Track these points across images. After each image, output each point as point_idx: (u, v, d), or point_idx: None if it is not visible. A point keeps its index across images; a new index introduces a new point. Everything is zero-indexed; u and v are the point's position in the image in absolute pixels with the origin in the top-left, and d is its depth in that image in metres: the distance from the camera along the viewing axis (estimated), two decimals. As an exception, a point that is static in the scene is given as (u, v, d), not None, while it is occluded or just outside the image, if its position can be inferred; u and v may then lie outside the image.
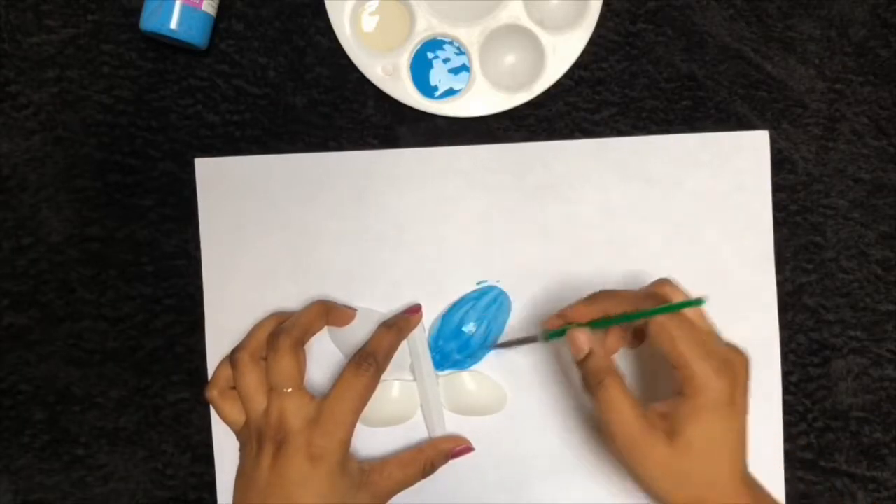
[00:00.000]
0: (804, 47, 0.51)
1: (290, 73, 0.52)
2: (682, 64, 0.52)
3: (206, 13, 0.50)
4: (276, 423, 0.45)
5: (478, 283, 0.51)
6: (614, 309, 0.44)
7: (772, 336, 0.51)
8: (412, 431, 0.51)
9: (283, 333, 0.46)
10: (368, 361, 0.46)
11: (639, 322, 0.43)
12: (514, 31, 0.50)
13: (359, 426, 0.45)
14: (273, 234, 0.51)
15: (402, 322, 0.49)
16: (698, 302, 0.42)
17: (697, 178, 0.51)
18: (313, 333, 0.49)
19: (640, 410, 0.42)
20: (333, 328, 0.51)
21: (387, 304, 0.51)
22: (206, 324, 0.51)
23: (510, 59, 0.52)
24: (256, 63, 0.52)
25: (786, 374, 0.51)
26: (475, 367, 0.51)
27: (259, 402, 0.46)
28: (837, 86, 0.51)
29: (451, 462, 0.50)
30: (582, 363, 0.44)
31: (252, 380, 0.46)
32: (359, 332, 0.50)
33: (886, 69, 0.51)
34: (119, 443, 0.52)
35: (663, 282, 0.45)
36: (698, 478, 0.41)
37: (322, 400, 0.45)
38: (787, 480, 0.50)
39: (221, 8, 0.51)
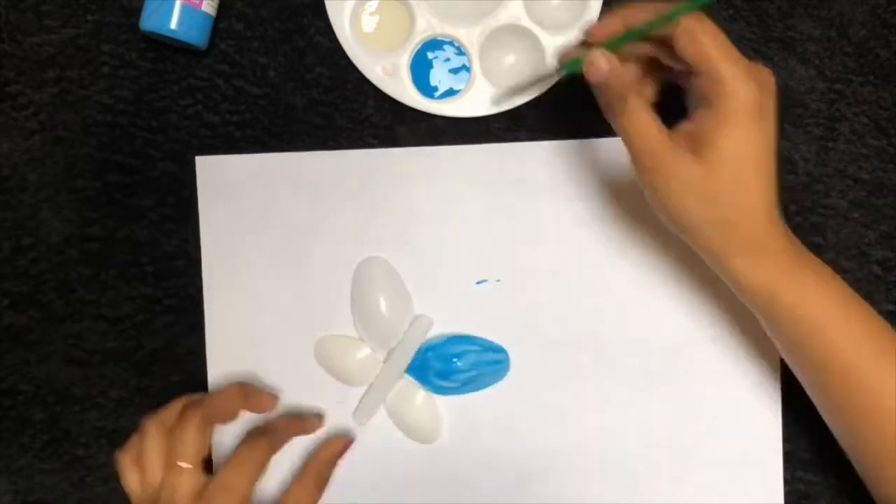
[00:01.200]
0: (804, 47, 0.51)
1: (290, 73, 0.52)
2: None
3: (206, 13, 0.50)
4: (167, 499, 0.44)
5: (477, 283, 0.51)
6: (637, 18, 0.40)
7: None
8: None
9: (194, 406, 0.45)
10: (265, 439, 0.45)
11: (665, 32, 0.39)
12: (514, 32, 0.50)
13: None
14: (273, 233, 0.51)
15: (307, 419, 0.50)
16: (697, 4, 0.38)
17: (697, 178, 0.51)
18: (227, 415, 0.47)
19: (664, 130, 0.39)
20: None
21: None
22: (206, 324, 0.51)
23: (510, 59, 0.52)
24: (256, 63, 0.52)
25: (786, 375, 0.51)
26: (435, 395, 0.51)
27: (155, 475, 0.44)
28: (837, 86, 0.51)
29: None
30: (603, 86, 0.40)
31: (154, 447, 0.45)
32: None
33: (886, 69, 0.51)
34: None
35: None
36: (727, 197, 0.39)
37: (210, 479, 0.44)
38: (787, 480, 0.50)
39: (221, 8, 0.51)
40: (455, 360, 0.50)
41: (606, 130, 0.51)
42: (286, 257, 0.51)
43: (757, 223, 0.39)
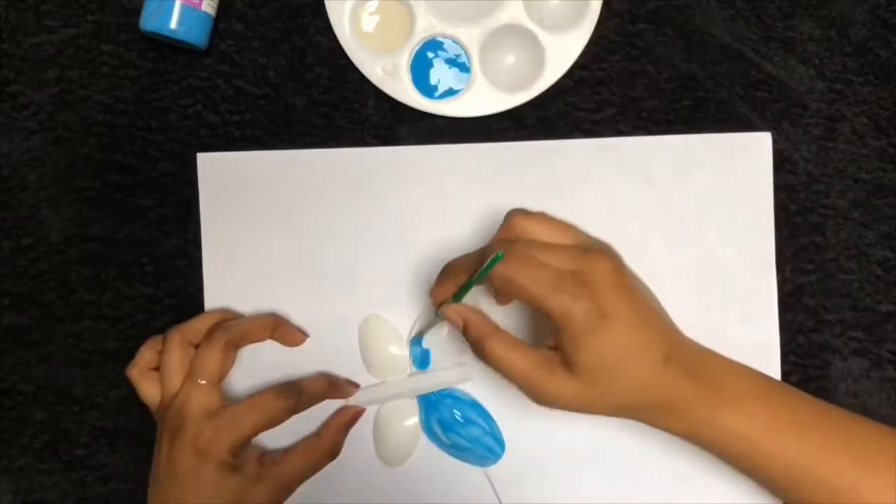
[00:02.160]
0: (804, 47, 0.51)
1: (290, 73, 0.52)
2: (683, 64, 0.52)
3: (206, 13, 0.50)
4: (179, 407, 0.45)
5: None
6: (461, 279, 0.43)
7: (772, 337, 0.51)
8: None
9: (222, 329, 0.46)
10: (292, 393, 0.46)
11: (490, 279, 0.41)
12: (514, 31, 0.50)
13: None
14: (274, 232, 0.51)
15: (340, 384, 0.50)
16: (495, 260, 0.40)
17: (698, 178, 0.51)
18: (253, 341, 0.49)
19: (533, 356, 0.41)
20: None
21: (387, 302, 0.51)
22: (206, 324, 0.51)
23: (510, 59, 0.52)
24: (256, 63, 0.52)
25: (786, 375, 0.51)
26: (424, 432, 0.51)
27: (174, 383, 0.46)
28: (837, 86, 0.51)
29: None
30: (465, 335, 0.43)
31: (175, 360, 0.46)
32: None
33: (886, 69, 0.51)
34: (119, 443, 0.52)
35: (511, 215, 0.43)
36: (613, 392, 0.40)
37: (230, 403, 0.45)
38: (787, 480, 0.50)
39: (221, 8, 0.51)
40: (463, 423, 0.50)
41: (606, 131, 0.51)
42: (287, 255, 0.51)
43: (651, 394, 0.41)
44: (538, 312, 0.40)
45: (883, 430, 0.43)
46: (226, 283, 0.51)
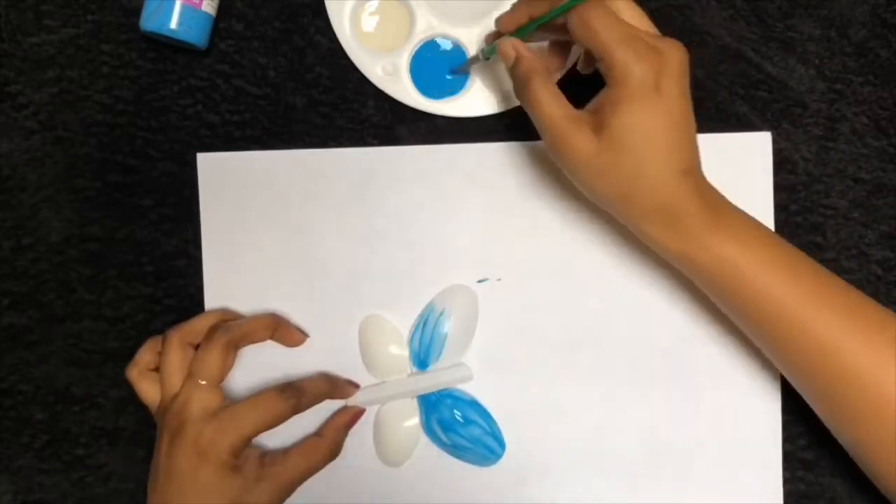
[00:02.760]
0: (804, 47, 0.51)
1: (290, 73, 0.52)
2: (682, 64, 0.51)
3: (206, 13, 0.50)
4: (179, 408, 0.45)
5: (479, 282, 0.51)
6: (537, 9, 0.43)
7: (772, 336, 0.51)
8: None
9: (223, 330, 0.46)
10: (293, 393, 0.46)
11: (562, 20, 0.41)
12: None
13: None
14: (274, 232, 0.51)
15: (341, 384, 0.50)
16: None
17: (697, 178, 0.51)
18: (253, 342, 0.48)
19: (568, 107, 0.41)
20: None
21: (388, 302, 0.51)
22: (206, 324, 0.51)
23: (510, 59, 0.52)
24: (256, 63, 0.52)
25: (786, 374, 0.51)
26: (424, 433, 0.51)
27: (174, 384, 0.46)
28: (837, 86, 0.51)
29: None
30: (512, 70, 0.43)
31: (174, 360, 0.46)
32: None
33: (886, 69, 0.51)
34: (119, 443, 0.52)
35: None
36: (624, 171, 0.40)
37: (230, 403, 0.45)
38: (787, 480, 0.50)
39: (221, 8, 0.51)
40: (463, 423, 0.50)
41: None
42: (287, 255, 0.51)
43: (657, 194, 0.40)
44: (599, 63, 0.40)
45: (877, 305, 0.42)
46: (226, 283, 0.51)
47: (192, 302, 0.51)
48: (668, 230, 0.41)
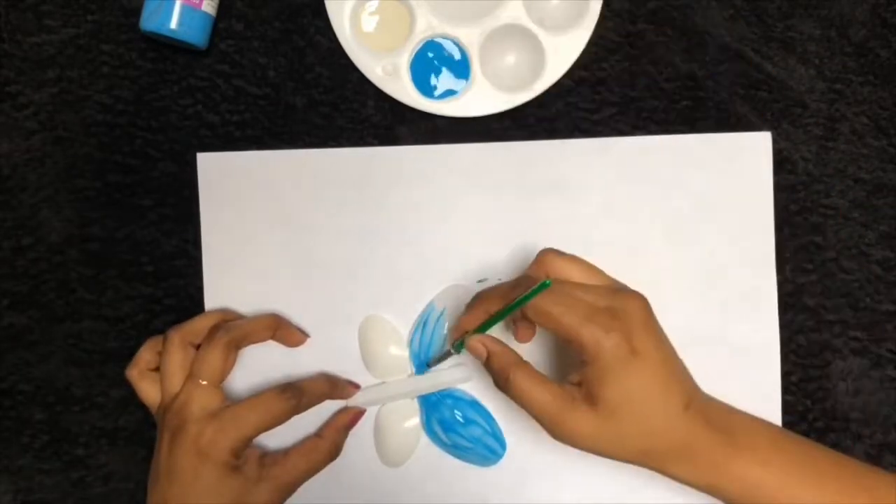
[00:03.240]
0: (804, 47, 0.51)
1: (290, 73, 0.52)
2: (682, 64, 0.52)
3: (206, 13, 0.50)
4: (179, 408, 0.45)
5: (479, 282, 0.51)
6: (492, 307, 0.43)
7: (772, 336, 0.51)
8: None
9: (223, 330, 0.46)
10: (293, 393, 0.46)
11: (523, 310, 0.42)
12: (514, 31, 0.50)
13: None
14: (274, 231, 0.51)
15: (341, 384, 0.50)
16: (543, 286, 0.40)
17: (698, 178, 0.51)
18: (254, 342, 0.49)
19: (554, 389, 0.41)
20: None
21: (388, 302, 0.51)
22: (206, 324, 0.51)
23: (510, 59, 0.52)
24: (256, 63, 0.52)
25: (786, 374, 0.51)
26: (425, 433, 0.51)
27: (175, 384, 0.46)
28: (837, 86, 0.51)
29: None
30: (487, 366, 0.43)
31: (175, 360, 0.46)
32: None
33: (886, 69, 0.51)
34: (119, 443, 0.52)
35: (544, 254, 0.44)
36: (633, 433, 0.41)
37: (231, 403, 0.45)
38: (787, 480, 0.50)
39: (221, 8, 0.51)
40: (463, 423, 0.50)
41: (606, 131, 0.51)
42: (287, 255, 0.51)
43: (668, 439, 0.41)
44: (568, 344, 0.41)
45: (888, 477, 0.42)
46: (226, 283, 0.51)
47: (192, 302, 0.51)
48: (691, 467, 0.42)
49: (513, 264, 0.51)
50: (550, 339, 0.50)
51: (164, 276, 0.52)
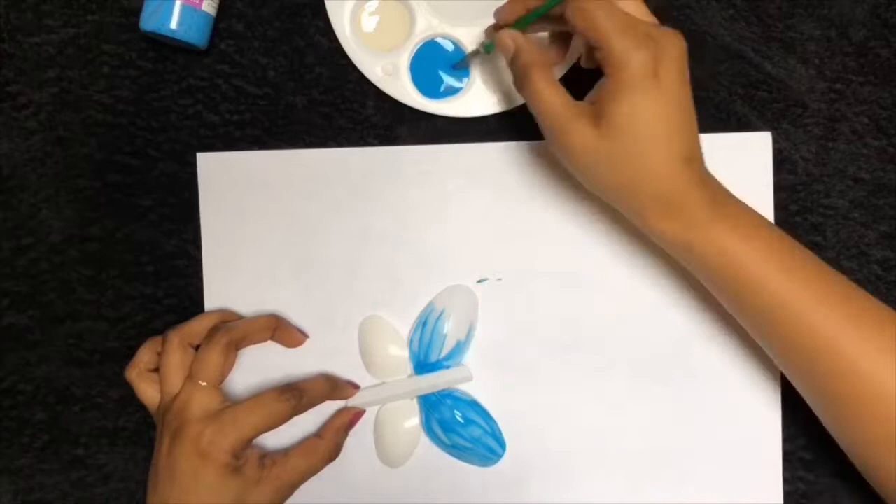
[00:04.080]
0: (804, 47, 0.51)
1: (290, 73, 0.52)
2: (682, 64, 0.51)
3: (206, 13, 0.50)
4: (179, 409, 0.45)
5: (478, 281, 0.51)
6: (534, 1, 0.43)
7: (772, 336, 0.51)
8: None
9: (223, 331, 0.46)
10: (293, 394, 0.46)
11: (563, 11, 0.41)
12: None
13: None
14: (274, 231, 0.51)
15: (341, 385, 0.50)
16: None
17: (697, 178, 0.51)
18: (253, 342, 0.49)
19: (567, 99, 0.41)
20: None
21: (388, 303, 0.51)
22: (206, 324, 0.51)
23: (510, 59, 0.52)
24: (256, 63, 0.52)
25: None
26: (425, 433, 0.51)
27: (174, 385, 0.46)
28: (837, 86, 0.51)
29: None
30: (511, 63, 0.43)
31: (175, 361, 0.46)
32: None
33: (886, 69, 0.51)
34: (119, 443, 0.52)
35: None
36: (625, 159, 0.40)
37: (231, 404, 0.45)
38: (787, 480, 0.50)
39: (221, 8, 0.51)
40: (463, 424, 0.50)
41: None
42: (287, 255, 0.51)
43: (660, 183, 0.40)
44: (596, 53, 0.40)
45: (878, 303, 0.42)
46: (226, 283, 0.51)
47: (191, 302, 0.51)
48: (670, 220, 0.41)
49: (513, 264, 0.51)
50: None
51: (164, 276, 0.52)
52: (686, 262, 0.43)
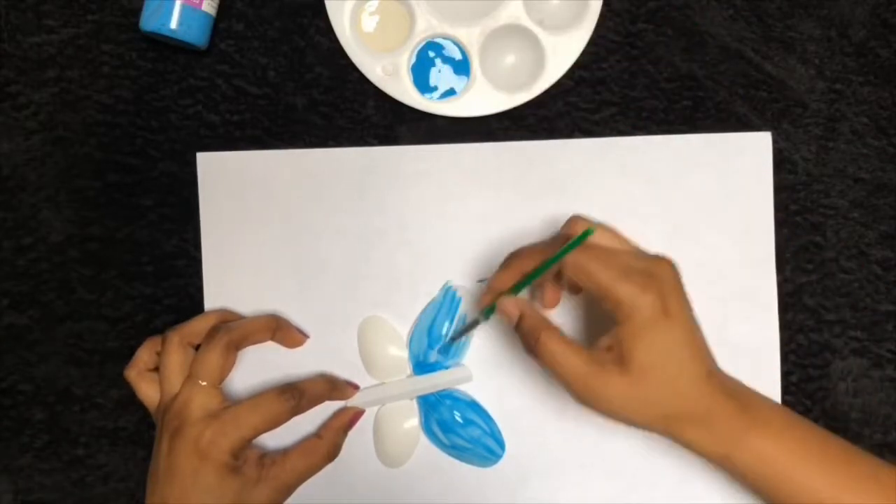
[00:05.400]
0: (804, 47, 0.51)
1: (290, 73, 0.52)
2: (682, 64, 0.52)
3: (206, 13, 0.50)
4: (179, 409, 0.45)
5: (478, 282, 0.51)
6: (528, 266, 0.44)
7: (772, 336, 0.51)
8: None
9: (224, 330, 0.46)
10: (293, 395, 0.46)
11: (558, 269, 0.42)
12: (514, 31, 0.50)
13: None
14: (274, 231, 0.51)
15: (341, 385, 0.50)
16: (586, 234, 0.41)
17: (698, 178, 0.51)
18: (253, 342, 0.49)
19: (583, 353, 0.41)
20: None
21: (387, 303, 0.51)
22: (206, 324, 0.51)
23: (510, 59, 0.52)
24: (256, 63, 0.52)
25: (786, 374, 0.51)
26: (424, 433, 0.51)
27: (174, 384, 0.46)
28: (837, 86, 0.51)
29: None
30: (517, 329, 0.43)
31: (174, 361, 0.46)
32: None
33: (886, 69, 0.51)
34: (119, 443, 0.52)
35: (574, 220, 0.44)
36: (660, 396, 0.41)
37: (231, 404, 0.45)
38: (787, 480, 0.50)
39: (221, 8, 0.51)
40: (462, 424, 0.50)
41: (606, 131, 0.51)
42: (287, 255, 0.51)
43: (693, 404, 0.41)
44: (602, 303, 0.41)
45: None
46: (226, 283, 0.51)
47: (192, 302, 0.51)
48: (708, 435, 0.42)
49: (513, 264, 0.51)
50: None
51: (164, 276, 0.52)
52: (727, 472, 0.43)
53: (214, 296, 0.51)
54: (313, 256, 0.51)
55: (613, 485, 0.50)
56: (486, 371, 0.51)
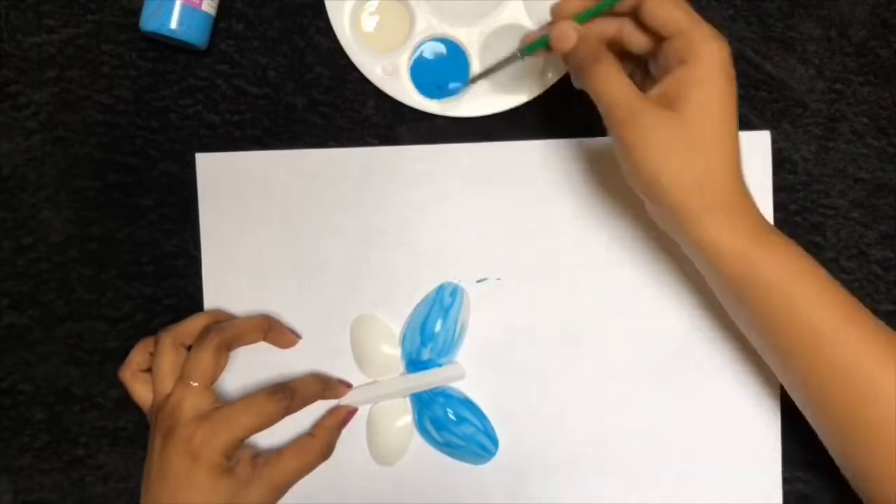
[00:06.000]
0: (804, 47, 0.51)
1: (290, 73, 0.52)
2: (682, 64, 0.51)
3: (206, 13, 0.50)
4: (171, 410, 0.45)
5: (478, 281, 0.51)
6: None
7: (772, 336, 0.51)
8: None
9: (215, 331, 0.46)
10: (285, 394, 0.46)
11: (629, 4, 0.40)
12: (514, 32, 0.50)
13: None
14: (273, 231, 0.51)
15: (333, 384, 0.50)
16: None
17: (697, 178, 0.51)
18: (245, 343, 0.49)
19: (637, 89, 0.40)
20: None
21: (387, 303, 0.51)
22: (206, 324, 0.51)
23: (510, 59, 0.52)
24: (256, 63, 0.52)
25: (786, 375, 0.51)
26: (417, 431, 0.51)
27: (166, 385, 0.46)
28: (837, 86, 0.51)
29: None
30: (572, 55, 0.41)
31: (166, 362, 0.46)
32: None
33: (886, 69, 0.51)
34: (119, 443, 0.52)
35: None
36: (703, 149, 0.38)
37: (223, 404, 0.45)
38: (787, 480, 0.50)
39: (221, 8, 0.51)
40: (456, 422, 0.50)
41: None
42: (286, 256, 0.51)
43: (733, 180, 0.40)
44: (674, 41, 0.39)
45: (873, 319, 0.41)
46: (225, 283, 0.51)
47: (191, 302, 0.51)
48: (734, 224, 0.39)
49: (513, 264, 0.51)
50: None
51: (164, 276, 0.52)
52: (732, 273, 0.41)
53: (214, 296, 0.51)
54: (313, 256, 0.51)
55: (612, 484, 0.50)
56: (479, 368, 0.51)
